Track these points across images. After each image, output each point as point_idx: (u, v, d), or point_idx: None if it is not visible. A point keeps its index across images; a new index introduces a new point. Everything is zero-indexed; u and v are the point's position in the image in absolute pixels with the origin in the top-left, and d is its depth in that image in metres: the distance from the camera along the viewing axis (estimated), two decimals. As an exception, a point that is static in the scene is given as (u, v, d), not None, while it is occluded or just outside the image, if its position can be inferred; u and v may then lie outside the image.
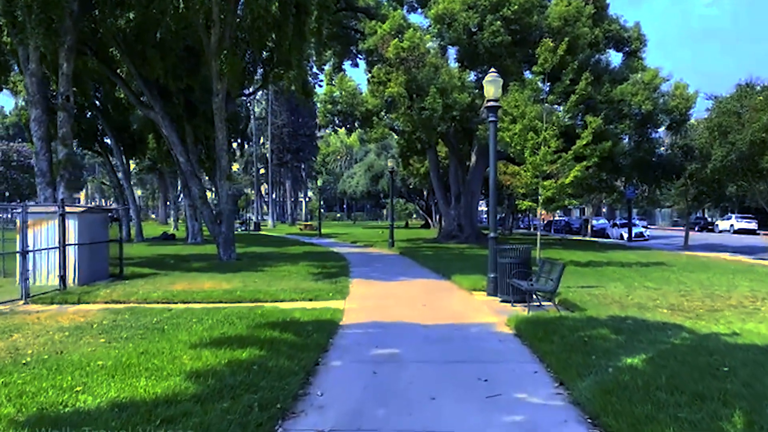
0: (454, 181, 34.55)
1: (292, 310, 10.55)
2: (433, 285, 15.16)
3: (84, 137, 36.76)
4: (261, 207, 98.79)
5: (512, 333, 9.03)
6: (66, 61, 18.47)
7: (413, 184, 52.86)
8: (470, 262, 20.43)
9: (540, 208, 20.17)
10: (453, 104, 25.70)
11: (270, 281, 15.13)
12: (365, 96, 27.39)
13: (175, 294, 12.86)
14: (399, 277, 16.71)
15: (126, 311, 10.61)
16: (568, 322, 9.04)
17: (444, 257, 23.01)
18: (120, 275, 16.49)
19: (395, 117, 26.15)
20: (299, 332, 8.42)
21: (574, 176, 19.42)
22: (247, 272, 17.28)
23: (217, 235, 21.51)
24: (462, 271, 17.23)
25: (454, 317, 10.33)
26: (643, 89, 29.15)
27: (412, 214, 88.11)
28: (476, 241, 33.06)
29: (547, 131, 19.54)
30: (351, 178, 76.87)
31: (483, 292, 13.36)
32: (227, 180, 21.07)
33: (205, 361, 6.59)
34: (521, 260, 11.84)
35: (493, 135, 13.03)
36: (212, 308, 10.83)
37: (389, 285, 15.12)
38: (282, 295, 12.75)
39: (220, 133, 20.34)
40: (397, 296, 13.02)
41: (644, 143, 30.88)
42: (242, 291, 13.19)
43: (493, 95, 12.86)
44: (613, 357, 7.06)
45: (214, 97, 19.79)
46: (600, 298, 12.25)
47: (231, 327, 8.73)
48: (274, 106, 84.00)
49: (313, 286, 14.09)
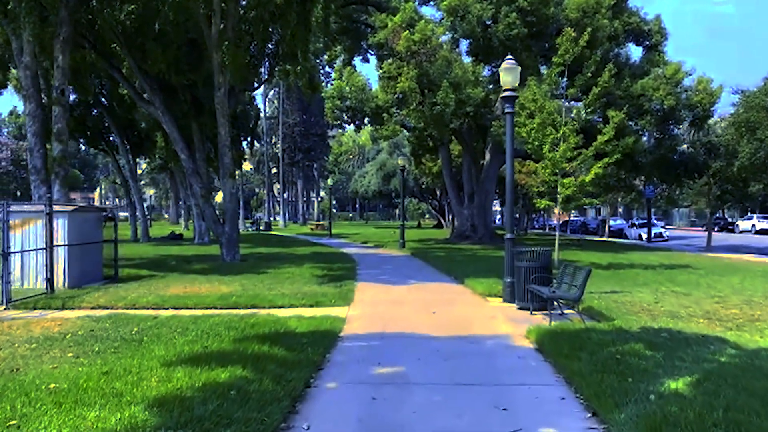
0: (468, 179, 33.49)
1: (289, 318, 9.61)
2: (444, 289, 14.16)
3: (90, 135, 36.18)
4: (273, 207, 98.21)
5: (533, 347, 8.02)
6: (61, 53, 17.66)
7: (425, 183, 51.82)
8: (484, 264, 19.41)
9: (558, 207, 19.11)
10: (466, 99, 24.67)
11: (271, 285, 14.20)
12: (375, 91, 26.41)
13: (167, 299, 11.97)
14: (408, 281, 15.72)
15: (108, 319, 9.72)
16: (596, 335, 8.01)
17: (457, 259, 22.00)
18: (115, 278, 15.64)
19: (406, 113, 25.13)
20: (292, 346, 7.47)
21: (595, 174, 18.37)
22: (249, 274, 16.38)
23: (220, 236, 20.65)
24: (476, 273, 16.21)
25: (467, 327, 9.33)
26: (665, 84, 27.93)
27: (425, 214, 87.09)
28: (490, 242, 31.97)
29: (567, 126, 18.48)
30: (363, 177, 75.98)
31: (498, 298, 12.34)
32: (230, 178, 20.20)
33: (175, 384, 5.64)
34: (541, 264, 10.81)
35: (510, 128, 12.02)
36: (202, 315, 9.92)
37: (397, 289, 14.15)
38: (281, 300, 11.81)
39: (222, 129, 19.45)
40: (405, 302, 12.04)
41: (666, 140, 29.61)
42: (239, 296, 12.27)
43: (510, 84, 11.84)
44: (653, 380, 6.04)
45: (216, 92, 18.90)
46: (627, 306, 11.19)
47: (216, 340, 7.80)
48: (286, 106, 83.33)
49: (315, 291, 13.14)
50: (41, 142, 18.24)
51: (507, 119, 12.08)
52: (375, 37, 27.47)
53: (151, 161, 57.33)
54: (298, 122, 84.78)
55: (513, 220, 12.45)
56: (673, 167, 31.22)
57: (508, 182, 12.15)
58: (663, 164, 31.22)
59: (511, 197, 12.12)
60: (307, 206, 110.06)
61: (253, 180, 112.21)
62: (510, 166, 12.13)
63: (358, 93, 25.81)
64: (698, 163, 31.07)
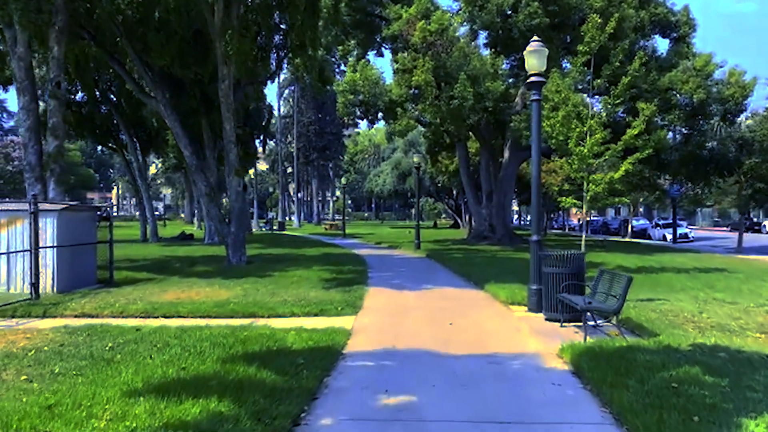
0: (486, 178, 32.21)
1: (287, 331, 8.50)
2: (463, 296, 12.97)
3: (99, 133, 35.36)
4: (289, 206, 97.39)
5: (569, 370, 6.82)
6: (57, 44, 16.72)
7: (442, 182, 50.54)
8: (505, 268, 18.18)
9: (585, 206, 17.83)
10: (485, 93, 23.43)
11: (274, 290, 13.12)
12: (389, 85, 25.24)
13: (159, 306, 10.92)
14: (423, 285, 14.54)
15: (85, 330, 8.67)
16: (643, 356, 6.81)
17: (475, 261, 20.78)
18: (110, 281, 14.66)
19: (422, 108, 23.94)
20: (284, 368, 6.35)
21: (625, 170, 17.05)
22: (253, 278, 15.32)
23: (225, 236, 19.61)
24: (497, 278, 15.00)
25: (489, 343, 8.15)
26: (695, 76, 26.46)
27: (441, 214, 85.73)
28: (509, 243, 30.69)
29: (594, 119, 17.18)
30: (378, 176, 74.83)
31: (523, 307, 11.14)
32: (236, 175, 19.15)
33: (129, 424, 4.54)
34: (572, 270, 9.57)
35: (536, 117, 10.82)
36: (191, 327, 8.84)
37: (411, 295, 12.98)
38: (282, 308, 10.71)
39: (227, 123, 18.41)
40: (419, 310, 10.87)
41: (695, 136, 28.10)
42: (238, 303, 11.20)
43: (536, 68, 10.62)
44: (726, 419, 4.85)
45: (220, 84, 17.86)
46: (669, 316, 9.96)
47: (197, 359, 6.70)
48: (301, 104, 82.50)
49: (321, 297, 12.03)
50: (36, 138, 17.30)
51: (533, 107, 10.88)
52: (389, 30, 26.32)
53: (165, 160, 56.71)
54: (313, 121, 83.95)
55: (539, 220, 11.25)
56: (702, 164, 29.72)
57: (534, 177, 10.93)
58: (691, 161, 29.73)
59: (537, 195, 10.91)
60: (323, 206, 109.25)
61: (268, 179, 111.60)
62: (536, 160, 10.92)
63: (372, 87, 24.64)
64: (729, 160, 29.56)
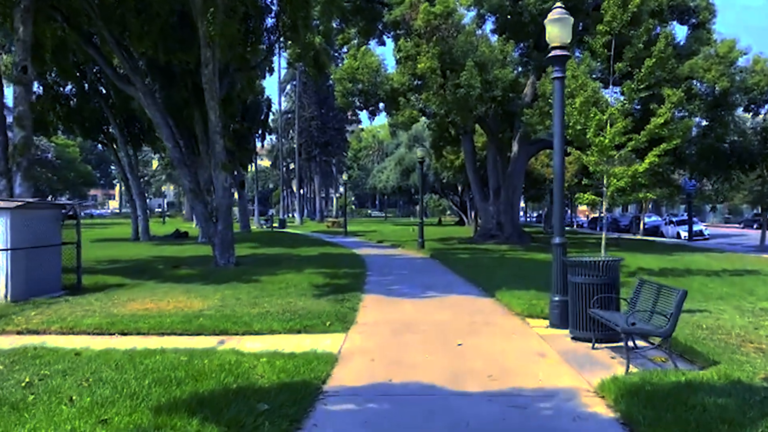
0: (493, 173, 30.54)
1: (259, 356, 6.94)
2: (471, 306, 11.35)
3: (88, 127, 33.81)
4: (290, 203, 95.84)
5: (616, 418, 5.20)
6: (23, 24, 15.13)
7: (447, 177, 48.80)
8: (516, 270, 16.57)
9: (606, 202, 16.20)
10: (493, 81, 21.77)
11: (257, 298, 11.55)
12: (390, 74, 23.59)
13: (118, 320, 9.36)
14: (427, 292, 12.93)
15: (12, 355, 7.10)
16: (711, 399, 5.20)
17: (483, 262, 19.17)
18: (76, 287, 13.10)
19: (426, 97, 22.30)
20: (241, 421, 4.76)
21: (650, 162, 15.41)
22: (237, 283, 13.75)
23: (212, 236, 18.06)
24: (509, 283, 13.39)
25: (508, 374, 6.53)
26: (717, 64, 24.75)
27: (446, 211, 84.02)
28: (518, 242, 29.05)
29: (616, 106, 15.53)
30: (381, 172, 73.17)
31: (543, 321, 9.51)
32: (223, 170, 17.58)
33: None
34: (606, 280, 7.93)
35: (559, 98, 9.22)
36: (143, 350, 7.27)
37: (412, 305, 11.37)
38: (260, 323, 9.11)
39: (212, 113, 16.83)
40: (421, 326, 9.26)
41: (717, 128, 26.35)
42: (210, 316, 9.62)
43: (559, 40, 8.98)
44: None
45: (203, 69, 16.29)
46: (719, 334, 8.34)
47: (128, 406, 5.10)
48: (303, 99, 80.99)
49: (310, 307, 10.44)
50: (2, 129, 15.79)
51: (555, 87, 9.25)
52: (391, 15, 24.68)
53: (163, 156, 55.21)
54: (315, 116, 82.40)
55: (563, 219, 9.61)
56: (724, 158, 28.00)
57: (556, 169, 9.29)
58: (711, 155, 28.02)
59: (560, 190, 9.27)
60: (326, 203, 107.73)
61: (270, 176, 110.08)
62: (559, 149, 9.28)
63: (372, 75, 22.99)
64: (751, 152, 27.82)
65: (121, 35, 17.77)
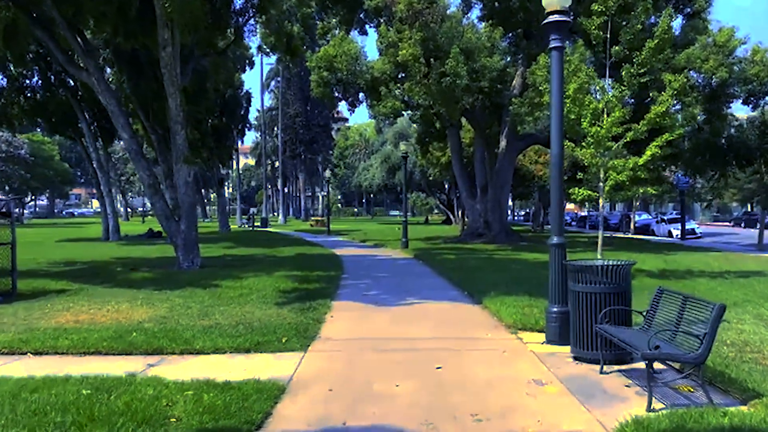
0: (480, 169, 29.20)
1: (186, 387, 5.49)
2: (456, 315, 9.93)
3: (55, 121, 32.05)
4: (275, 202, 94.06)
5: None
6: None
7: (433, 175, 47.45)
8: (506, 273, 15.18)
9: (603, 197, 14.87)
10: (480, 71, 20.38)
11: (211, 307, 10.08)
12: (372, 62, 22.12)
13: (35, 335, 7.87)
14: (406, 299, 11.50)
15: None
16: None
17: (470, 263, 17.79)
18: (10, 293, 11.57)
19: (408, 87, 20.88)
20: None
21: (652, 154, 14.10)
22: (194, 289, 12.27)
23: (173, 236, 16.54)
24: (497, 287, 12.01)
25: (498, 414, 5.10)
26: (716, 54, 23.51)
27: (433, 209, 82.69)
28: (506, 241, 27.74)
29: (612, 93, 14.18)
30: (366, 170, 71.71)
31: (538, 335, 8.12)
32: (185, 163, 16.04)
33: None
34: (616, 288, 6.53)
35: (557, 72, 7.81)
36: (42, 379, 5.80)
37: (388, 315, 9.94)
38: (203, 340, 7.64)
39: (172, 100, 15.30)
40: (394, 343, 7.84)
41: (715, 121, 25.12)
42: (148, 330, 8.16)
43: (557, 4, 7.57)
44: None
45: (161, 51, 14.76)
46: (749, 352, 7.01)
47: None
48: (287, 95, 79.34)
49: (268, 319, 9.00)
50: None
51: (553, 59, 7.83)
52: (372, 1, 23.23)
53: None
54: (300, 113, 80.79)
55: (562, 216, 8.23)
56: (720, 154, 26.83)
57: (554, 154, 7.86)
58: (707, 150, 26.84)
59: (558, 179, 7.86)
60: (312, 201, 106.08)
61: (254, 175, 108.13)
62: (557, 132, 7.85)
63: (351, 63, 21.52)
64: (749, 147, 26.66)
65: (75, 17, 16.16)
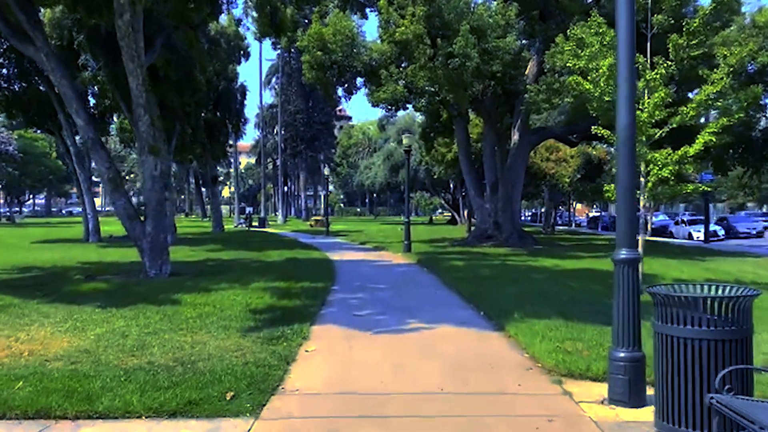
0: (491, 165, 26.82)
1: None
2: (472, 350, 7.52)
3: (32, 113, 29.80)
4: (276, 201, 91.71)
5: None
6: None
7: (438, 173, 45.11)
8: (527, 285, 12.77)
9: (645, 196, 12.49)
10: (493, 51, 18.00)
11: (153, 335, 7.74)
12: (370, 43, 19.76)
13: None
14: (407, 322, 9.11)
15: None
16: None
17: (482, 272, 15.40)
18: None
19: (411, 71, 18.51)
20: None
21: (706, 142, 11.71)
22: (147, 306, 9.91)
23: (139, 239, 14.19)
24: (520, 305, 9.63)
25: None
26: (755, 35, 21.09)
27: (437, 209, 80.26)
28: (519, 244, 25.32)
29: (657, 70, 11.79)
30: (369, 168, 69.44)
31: (591, 383, 5.75)
32: (151, 154, 13.72)
33: None
34: (734, 334, 4.16)
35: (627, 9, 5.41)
36: None
37: (381, 351, 7.53)
38: (112, 394, 5.27)
39: (132, 79, 12.97)
40: (392, 404, 5.46)
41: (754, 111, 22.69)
42: (46, 374, 5.82)
43: None
44: None
45: (117, 19, 12.44)
46: None
47: None
48: (288, 91, 77.06)
49: (221, 354, 6.65)
50: None
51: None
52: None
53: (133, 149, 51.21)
54: (301, 110, 78.42)
55: (635, 217, 5.83)
56: (756, 148, 24.42)
57: (622, 127, 5.38)
58: (740, 143, 24.45)
59: (628, 161, 5.41)
60: (315, 200, 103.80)
61: (256, 174, 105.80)
62: (627, 100, 5.43)
63: (346, 43, 19.14)
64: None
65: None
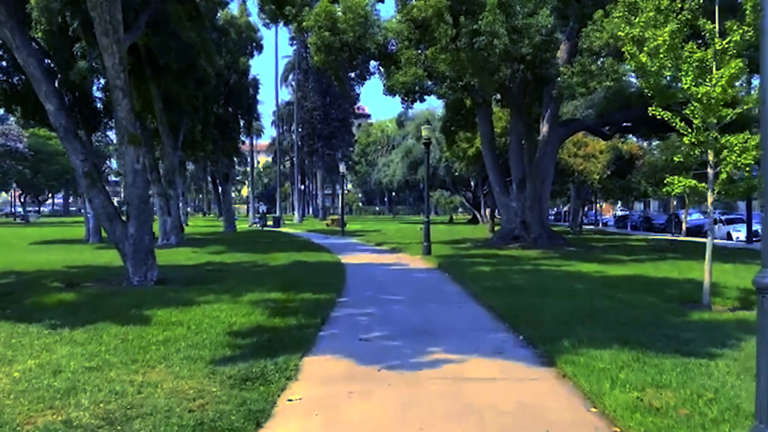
0: (517, 160, 24.73)
1: None
2: (514, 397, 5.54)
3: (31, 107, 28.30)
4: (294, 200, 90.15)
5: None
6: None
7: (459, 170, 43.05)
8: (571, 298, 10.69)
9: (714, 190, 10.41)
10: (524, 30, 15.96)
11: (101, 366, 5.93)
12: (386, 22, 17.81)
13: None
14: (427, 350, 7.14)
15: None
16: None
17: (514, 279, 13.38)
18: None
19: (431, 54, 16.54)
20: None
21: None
22: (110, 325, 8.12)
23: (121, 242, 12.41)
24: (568, 326, 7.65)
25: None
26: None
27: (458, 208, 78.06)
28: (549, 245, 23.19)
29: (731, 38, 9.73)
30: (387, 166, 67.50)
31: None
32: (131, 144, 11.93)
33: None
34: None
35: None
36: None
37: (394, 398, 5.59)
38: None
39: (108, 57, 11.20)
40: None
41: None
42: None
43: None
44: None
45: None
46: None
47: None
48: (304, 87, 75.44)
49: (171, 405, 4.77)
50: None
51: None
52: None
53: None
54: (318, 106, 76.69)
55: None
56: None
57: None
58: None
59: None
60: (333, 199, 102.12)
61: (272, 172, 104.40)
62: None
63: (359, 23, 17.21)
64: None
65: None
